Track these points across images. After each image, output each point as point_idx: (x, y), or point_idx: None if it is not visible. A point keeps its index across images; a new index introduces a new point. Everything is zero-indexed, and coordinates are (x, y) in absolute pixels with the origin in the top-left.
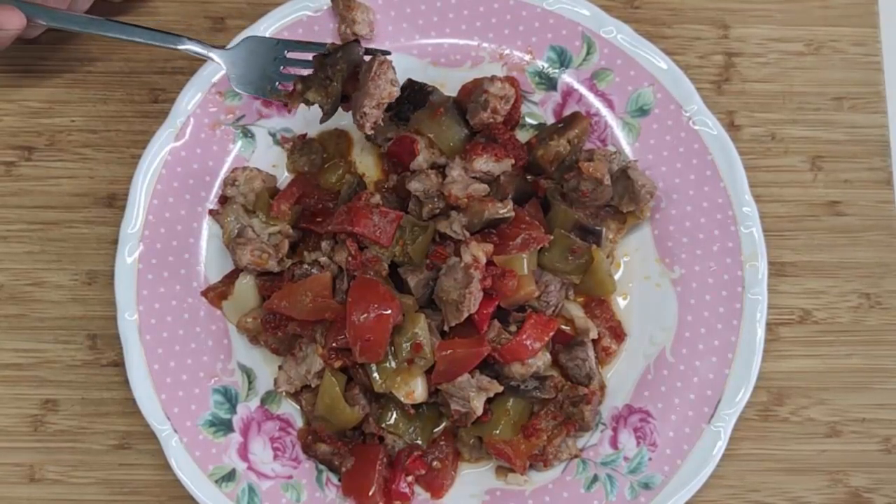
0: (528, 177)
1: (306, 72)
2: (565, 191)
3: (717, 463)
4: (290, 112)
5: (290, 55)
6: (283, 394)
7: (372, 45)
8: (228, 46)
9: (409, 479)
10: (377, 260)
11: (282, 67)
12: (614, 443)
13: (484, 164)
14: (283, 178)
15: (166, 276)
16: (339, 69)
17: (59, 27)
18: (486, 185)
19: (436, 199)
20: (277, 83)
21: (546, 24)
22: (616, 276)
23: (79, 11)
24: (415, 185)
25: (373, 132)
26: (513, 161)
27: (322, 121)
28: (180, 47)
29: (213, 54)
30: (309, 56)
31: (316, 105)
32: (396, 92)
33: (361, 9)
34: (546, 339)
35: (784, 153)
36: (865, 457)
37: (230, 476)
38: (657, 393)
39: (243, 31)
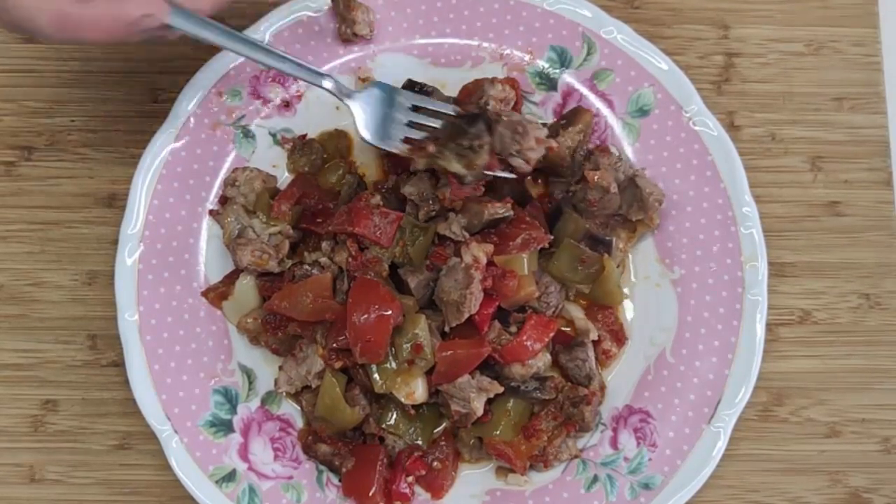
0: (538, 179)
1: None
2: (574, 201)
3: (717, 463)
4: (419, 166)
5: (415, 108)
6: (284, 394)
7: (370, 46)
8: (359, 90)
9: (410, 479)
10: (377, 261)
11: (407, 120)
12: (614, 443)
13: None
14: (284, 178)
15: (166, 277)
16: (485, 141)
17: (206, 39)
18: (479, 188)
19: (431, 202)
20: (404, 136)
21: (546, 25)
22: None
23: None
24: (408, 189)
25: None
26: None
27: (461, 193)
28: (325, 85)
29: (345, 96)
30: (438, 111)
31: (316, 105)
32: None
33: (362, 9)
34: (546, 339)
35: (784, 153)
36: (865, 457)
37: (230, 476)
38: (657, 393)
39: (243, 32)
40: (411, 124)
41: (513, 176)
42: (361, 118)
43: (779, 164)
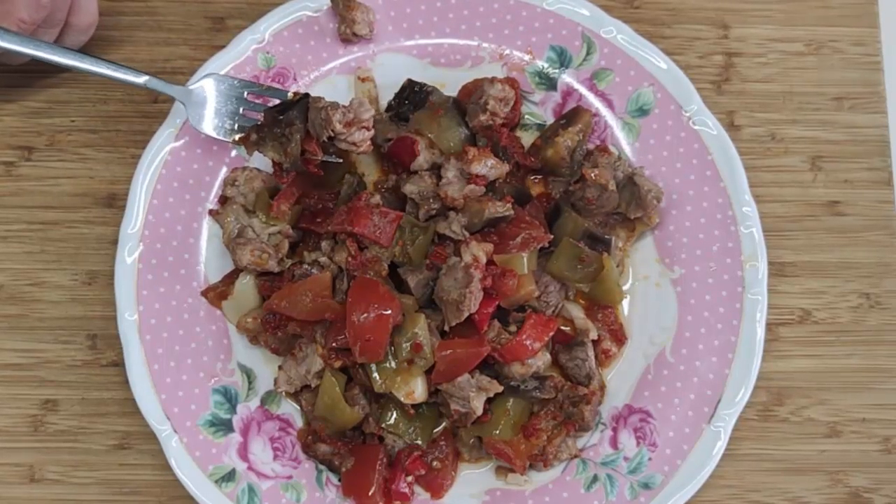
0: (537, 177)
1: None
2: (573, 200)
3: (717, 463)
4: (249, 154)
5: (249, 97)
6: (283, 394)
7: (370, 46)
8: (189, 84)
9: (409, 479)
10: (377, 260)
11: (242, 109)
12: (614, 443)
13: (480, 168)
14: None
15: (166, 276)
16: (297, 128)
17: (17, 50)
18: (481, 186)
19: (431, 201)
20: (236, 125)
21: (546, 24)
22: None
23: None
24: (410, 188)
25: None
26: (508, 168)
27: (283, 179)
28: (139, 81)
29: (173, 92)
30: (269, 99)
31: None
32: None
33: (361, 9)
34: (546, 339)
35: (784, 153)
36: (865, 457)
37: (230, 476)
38: (657, 393)
39: (242, 32)
40: (242, 114)
41: (339, 160)
42: (192, 111)
43: (779, 164)
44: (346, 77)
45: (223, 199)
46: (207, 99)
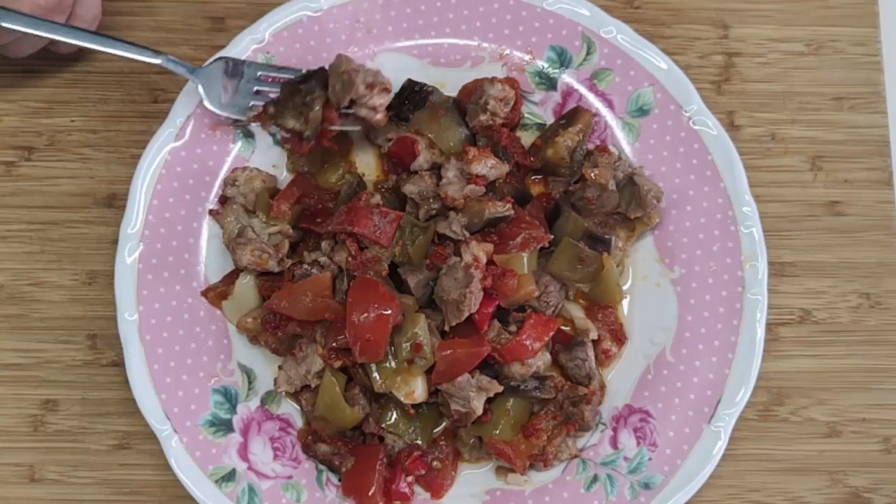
0: (537, 177)
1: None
2: (573, 200)
3: (717, 463)
4: (266, 129)
5: (262, 77)
6: (283, 394)
7: (370, 46)
8: (204, 65)
9: (409, 479)
10: (377, 260)
11: (255, 89)
12: (614, 443)
13: (481, 168)
14: (283, 178)
15: (166, 276)
16: (318, 95)
17: (31, 32)
18: (481, 186)
19: (431, 201)
20: (251, 104)
21: (546, 24)
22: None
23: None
24: (410, 188)
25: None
26: (508, 168)
27: (302, 149)
28: (155, 61)
29: (187, 71)
30: (282, 77)
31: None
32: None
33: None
34: (546, 339)
35: (784, 153)
36: (865, 457)
37: (230, 476)
38: (657, 393)
39: (242, 32)
40: (258, 93)
41: (357, 128)
42: (207, 91)
43: (779, 164)
44: None
45: (223, 199)
46: (221, 80)
